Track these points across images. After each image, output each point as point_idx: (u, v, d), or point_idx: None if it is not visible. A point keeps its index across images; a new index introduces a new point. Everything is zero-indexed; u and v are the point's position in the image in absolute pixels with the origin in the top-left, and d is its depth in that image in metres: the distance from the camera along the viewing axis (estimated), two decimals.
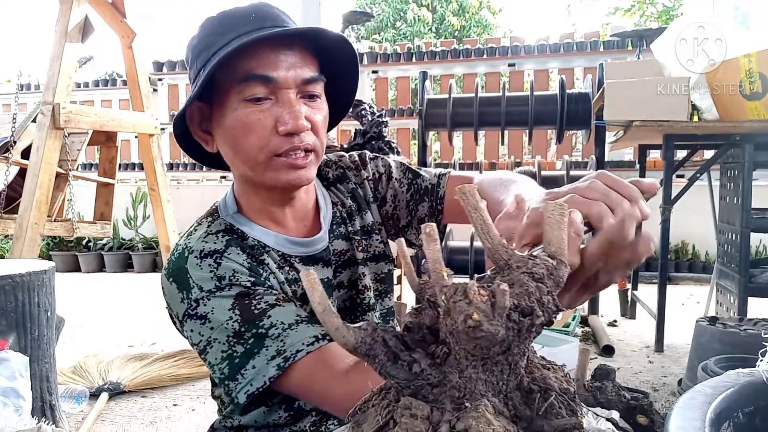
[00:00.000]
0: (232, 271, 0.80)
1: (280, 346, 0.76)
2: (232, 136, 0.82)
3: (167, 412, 2.35)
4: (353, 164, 1.03)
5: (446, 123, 3.46)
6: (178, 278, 0.82)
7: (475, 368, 0.41)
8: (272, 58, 0.79)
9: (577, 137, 7.35)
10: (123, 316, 4.01)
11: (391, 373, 0.42)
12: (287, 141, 0.80)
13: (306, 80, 0.81)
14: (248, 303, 0.78)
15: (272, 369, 0.75)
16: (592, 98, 3.36)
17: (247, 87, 0.79)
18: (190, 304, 0.80)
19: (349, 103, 0.97)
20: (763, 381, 0.49)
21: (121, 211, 5.68)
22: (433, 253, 0.43)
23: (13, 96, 4.01)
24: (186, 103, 0.84)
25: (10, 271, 1.85)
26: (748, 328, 1.99)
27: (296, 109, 0.80)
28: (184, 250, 0.84)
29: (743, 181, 2.57)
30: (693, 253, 5.39)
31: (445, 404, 0.41)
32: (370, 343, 0.43)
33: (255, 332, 0.77)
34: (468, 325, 0.38)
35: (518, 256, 0.43)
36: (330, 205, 0.97)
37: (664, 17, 11.68)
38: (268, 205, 0.89)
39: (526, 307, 0.40)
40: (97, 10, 4.16)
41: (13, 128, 3.68)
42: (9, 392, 1.59)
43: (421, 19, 13.77)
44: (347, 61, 0.89)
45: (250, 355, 0.76)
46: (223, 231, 0.86)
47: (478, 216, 0.43)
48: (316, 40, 0.83)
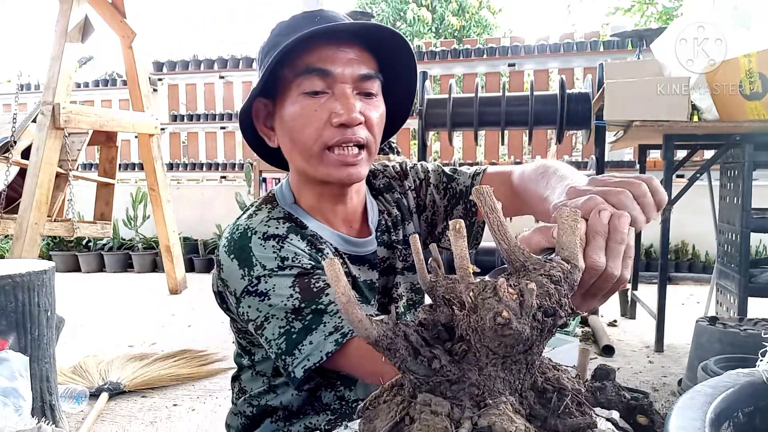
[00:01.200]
0: (294, 254, 0.83)
1: (338, 322, 0.77)
2: (290, 128, 0.85)
3: (167, 412, 2.35)
4: (397, 174, 1.06)
5: (446, 123, 3.46)
6: (240, 256, 0.83)
7: (495, 366, 0.41)
8: (331, 54, 0.83)
9: (577, 137, 7.35)
10: (123, 316, 4.01)
11: (411, 368, 0.42)
12: (339, 132, 0.83)
13: (362, 76, 0.84)
14: (308, 282, 0.81)
15: (330, 344, 0.77)
16: (592, 98, 3.36)
17: (305, 80, 0.83)
18: (251, 281, 0.82)
19: (407, 109, 0.98)
20: (763, 381, 0.49)
21: (121, 211, 5.68)
22: (460, 249, 0.43)
23: (13, 96, 4.01)
24: (249, 98, 0.88)
25: (10, 271, 1.85)
26: (748, 328, 1.99)
27: (350, 102, 0.83)
28: (247, 230, 0.86)
29: (743, 181, 2.57)
30: (693, 253, 5.39)
31: (464, 401, 0.41)
32: (392, 337, 0.42)
33: (314, 308, 0.79)
34: (497, 323, 0.39)
35: (535, 258, 0.44)
36: (377, 212, 1.00)
37: (664, 17, 11.68)
38: (321, 201, 0.92)
39: (549, 307, 0.40)
40: (97, 10, 4.16)
41: (13, 128, 3.67)
42: (9, 392, 1.59)
43: (420, 19, 13.77)
44: (406, 66, 0.92)
45: (308, 331, 0.78)
46: (283, 218, 0.89)
47: (494, 217, 0.44)
48: (376, 41, 0.86)
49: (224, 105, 7.32)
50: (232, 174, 7.02)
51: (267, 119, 0.91)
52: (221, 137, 7.33)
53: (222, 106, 7.31)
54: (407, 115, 1.00)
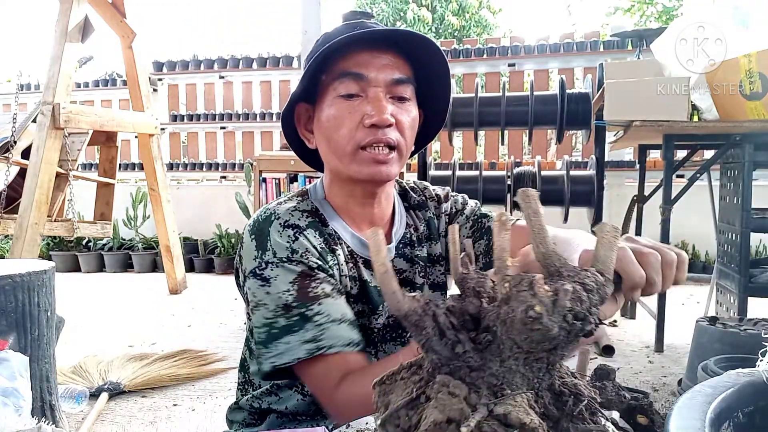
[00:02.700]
0: (305, 249, 0.87)
1: (317, 333, 0.82)
2: (326, 129, 0.90)
3: (167, 412, 2.34)
4: (436, 197, 1.09)
5: (446, 123, 3.46)
6: (259, 237, 0.88)
7: (517, 361, 0.42)
8: (366, 59, 0.87)
9: (577, 137, 7.35)
10: (123, 316, 4.01)
11: (435, 348, 0.43)
12: (371, 133, 0.86)
13: (395, 81, 0.88)
14: (308, 283, 0.85)
15: (302, 351, 0.82)
16: (592, 98, 3.36)
17: (341, 84, 0.87)
18: (260, 263, 0.86)
19: (441, 118, 1.02)
20: (763, 381, 0.49)
21: (121, 211, 5.68)
22: (502, 241, 0.44)
23: (13, 96, 4.01)
24: (289, 102, 0.93)
25: (10, 271, 1.85)
26: (748, 328, 1.99)
27: (382, 104, 0.86)
28: (272, 214, 0.90)
29: (743, 181, 2.57)
30: (693, 253, 5.39)
31: (482, 389, 0.41)
32: (421, 314, 0.43)
33: (302, 312, 0.83)
34: (528, 316, 0.39)
35: (570, 266, 0.44)
36: (404, 225, 1.03)
37: (664, 17, 11.68)
38: (350, 202, 0.96)
39: (580, 311, 0.40)
40: (97, 10, 4.16)
41: (13, 128, 3.67)
42: (9, 392, 1.59)
43: (420, 19, 13.77)
44: (440, 75, 0.95)
45: (289, 331, 0.83)
46: (308, 212, 0.93)
47: (537, 221, 0.44)
48: (411, 48, 0.90)
49: (224, 105, 7.31)
50: (232, 174, 7.02)
51: (308, 123, 0.96)
52: (221, 137, 7.33)
53: (222, 106, 7.31)
54: (442, 122, 1.03)
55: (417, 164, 3.60)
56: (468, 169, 5.23)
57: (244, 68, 6.95)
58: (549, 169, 4.49)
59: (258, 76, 7.08)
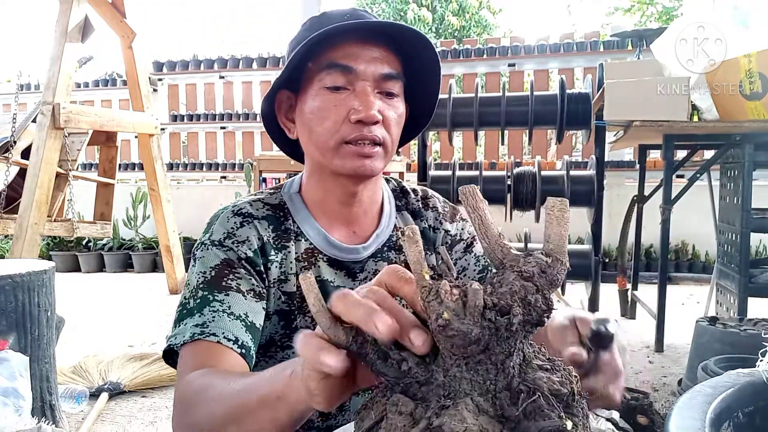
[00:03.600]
0: (245, 239, 0.86)
1: (208, 319, 0.78)
2: (309, 121, 0.86)
3: (167, 412, 2.34)
4: (442, 211, 1.03)
5: (446, 123, 3.46)
6: (210, 221, 0.90)
7: (459, 367, 0.41)
8: (355, 51, 0.83)
9: (577, 137, 7.34)
10: (123, 316, 4.01)
11: (381, 370, 0.44)
12: (356, 129, 0.83)
13: (384, 75, 0.84)
14: (227, 272, 0.83)
15: (188, 334, 0.77)
16: (592, 98, 3.36)
17: (327, 75, 0.84)
18: (199, 245, 0.87)
19: (429, 114, 0.98)
20: (763, 381, 0.49)
21: (121, 211, 5.68)
22: (414, 254, 0.43)
23: (13, 96, 4.01)
24: (272, 88, 0.90)
25: (10, 271, 1.85)
26: (748, 328, 1.99)
27: (370, 99, 0.83)
28: (233, 204, 0.91)
29: (743, 181, 2.57)
30: (693, 253, 5.39)
31: (431, 401, 0.42)
32: (361, 341, 0.44)
33: (205, 296, 0.81)
34: (439, 324, 0.39)
35: (512, 255, 0.43)
36: (392, 227, 0.98)
37: (664, 17, 11.68)
38: (328, 198, 0.92)
39: (504, 306, 0.40)
40: (97, 10, 4.16)
41: (13, 128, 3.67)
42: (9, 392, 1.59)
43: (421, 19, 13.77)
44: (430, 69, 0.91)
45: (190, 313, 0.80)
46: (271, 205, 0.92)
47: (476, 216, 0.44)
48: (401, 42, 0.86)
49: (224, 105, 7.31)
50: (232, 174, 7.02)
51: (289, 111, 0.93)
52: (221, 137, 7.33)
53: (222, 106, 7.31)
54: (429, 119, 0.99)
55: (417, 164, 3.60)
56: (468, 169, 5.23)
57: (244, 68, 6.95)
58: (549, 169, 4.48)
59: (258, 76, 7.08)
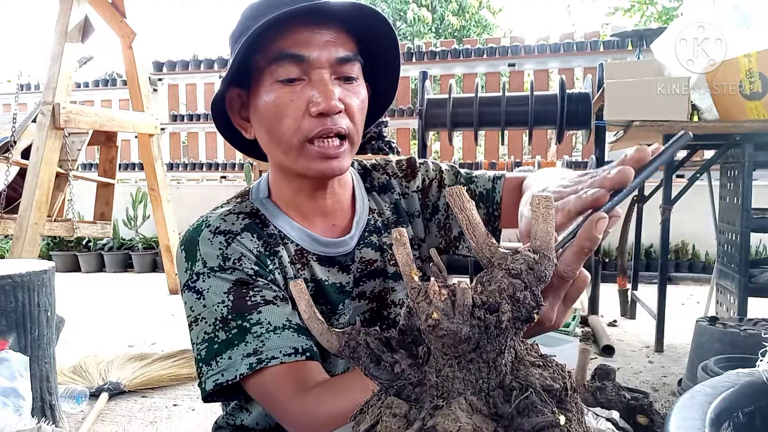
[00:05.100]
0: (240, 255, 0.80)
1: (258, 345, 0.74)
2: (266, 119, 0.80)
3: (167, 412, 2.34)
4: (401, 171, 0.99)
5: (446, 123, 3.46)
6: (188, 248, 0.82)
7: (451, 367, 0.41)
8: (305, 37, 0.77)
9: (577, 137, 7.35)
10: (123, 316, 4.01)
11: (374, 373, 0.44)
12: (320, 123, 0.77)
13: (340, 59, 0.78)
14: (245, 292, 0.78)
15: (244, 366, 0.74)
16: (592, 98, 3.36)
17: (279, 68, 0.77)
18: (192, 276, 0.80)
19: (391, 93, 0.92)
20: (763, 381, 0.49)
21: (121, 211, 5.68)
22: (402, 256, 0.43)
23: (13, 96, 4.01)
24: (221, 88, 0.82)
25: (10, 271, 1.85)
26: (748, 328, 1.99)
27: (329, 88, 0.77)
28: (203, 223, 0.83)
29: (743, 181, 2.57)
30: (693, 253, 5.39)
31: (425, 402, 0.42)
32: (354, 346, 0.44)
33: (240, 324, 0.76)
34: (429, 325, 0.39)
35: (500, 253, 0.43)
36: (367, 210, 0.94)
37: (664, 17, 11.68)
38: (299, 196, 0.87)
39: (492, 303, 0.40)
40: (97, 10, 4.16)
41: (13, 128, 3.67)
42: (9, 392, 1.59)
43: (420, 19, 13.77)
44: (388, 46, 0.85)
45: (229, 345, 0.75)
46: (245, 214, 0.85)
47: (464, 216, 0.44)
48: (354, 20, 0.80)
49: None
50: (232, 174, 7.02)
51: (241, 110, 0.86)
52: (221, 137, 7.32)
53: None
54: (391, 101, 0.93)
55: None
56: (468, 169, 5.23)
57: None
58: None
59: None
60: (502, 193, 0.96)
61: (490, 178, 0.98)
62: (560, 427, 0.39)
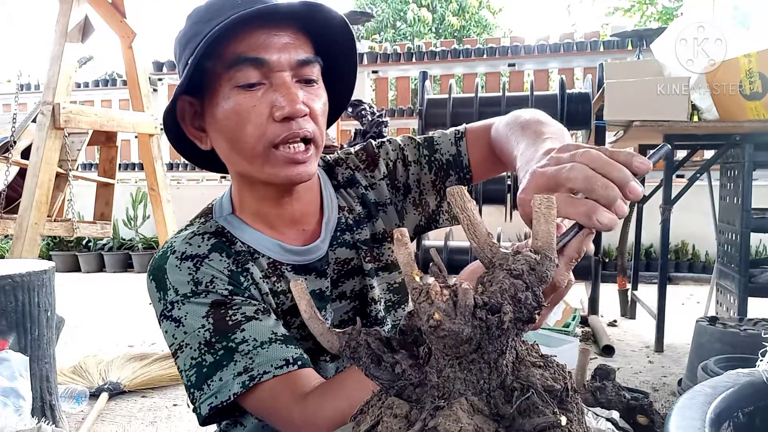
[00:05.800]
0: (211, 277, 0.78)
1: (248, 363, 0.73)
2: (226, 127, 0.77)
3: (167, 412, 2.34)
4: (362, 162, 0.95)
5: (446, 123, 3.46)
6: (157, 277, 0.79)
7: (453, 367, 0.41)
8: (263, 40, 0.74)
9: (577, 137, 7.35)
10: (123, 316, 4.01)
11: (374, 374, 0.44)
12: (285, 128, 0.75)
13: (301, 62, 0.76)
14: (224, 312, 0.76)
15: (237, 385, 0.73)
16: (592, 98, 3.36)
17: (237, 73, 0.74)
18: (166, 305, 0.78)
19: (348, 94, 0.90)
20: (763, 381, 0.49)
21: (121, 211, 5.68)
22: (404, 256, 0.43)
23: (13, 96, 4.01)
24: (173, 98, 0.78)
25: (10, 271, 1.85)
26: (748, 328, 1.99)
27: (292, 91, 0.74)
28: (168, 249, 0.81)
29: (743, 181, 2.57)
30: (693, 253, 5.39)
31: (426, 403, 0.42)
32: (354, 346, 0.44)
33: (225, 344, 0.74)
34: (430, 325, 0.39)
35: (502, 253, 0.43)
36: (336, 209, 0.91)
37: (664, 17, 11.68)
38: (264, 206, 0.84)
39: (494, 304, 0.40)
40: (97, 10, 4.16)
41: (13, 128, 3.68)
42: (9, 392, 1.59)
43: (420, 19, 13.78)
44: (345, 46, 0.83)
45: (218, 367, 0.74)
46: (211, 233, 0.82)
47: (465, 216, 0.44)
48: (310, 21, 0.78)
49: None
50: None
51: (195, 119, 0.82)
52: None
53: None
54: (348, 100, 0.91)
55: None
56: None
57: None
58: None
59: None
60: (469, 154, 0.93)
61: (452, 140, 0.94)
62: (561, 428, 0.39)
